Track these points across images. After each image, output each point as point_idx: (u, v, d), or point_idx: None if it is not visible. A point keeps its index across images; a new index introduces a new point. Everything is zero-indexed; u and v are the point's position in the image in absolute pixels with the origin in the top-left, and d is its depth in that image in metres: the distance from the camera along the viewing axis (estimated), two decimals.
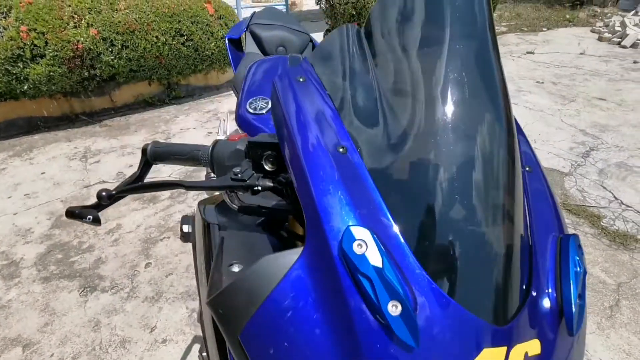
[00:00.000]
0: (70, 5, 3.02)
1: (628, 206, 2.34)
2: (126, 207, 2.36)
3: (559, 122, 3.48)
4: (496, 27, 7.43)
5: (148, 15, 3.27)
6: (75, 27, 3.01)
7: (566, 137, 3.20)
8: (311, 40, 1.67)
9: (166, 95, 3.96)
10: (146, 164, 0.67)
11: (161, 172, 2.70)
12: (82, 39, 3.01)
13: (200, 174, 2.68)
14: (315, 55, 0.58)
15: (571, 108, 3.78)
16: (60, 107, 3.47)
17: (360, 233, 0.36)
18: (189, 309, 1.71)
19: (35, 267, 1.94)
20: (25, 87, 2.96)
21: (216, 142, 0.61)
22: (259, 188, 0.54)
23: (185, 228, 1.14)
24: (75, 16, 3.02)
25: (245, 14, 7.60)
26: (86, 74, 3.18)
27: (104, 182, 2.62)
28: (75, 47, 2.99)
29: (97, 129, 3.40)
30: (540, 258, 0.44)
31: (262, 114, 0.83)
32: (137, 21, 3.21)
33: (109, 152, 3.00)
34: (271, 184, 0.54)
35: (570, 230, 2.16)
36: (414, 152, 0.40)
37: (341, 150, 0.43)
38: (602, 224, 2.21)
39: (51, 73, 2.96)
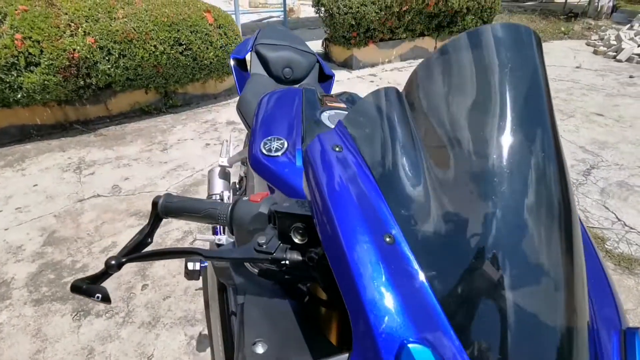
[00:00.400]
0: (67, 13, 2.95)
1: (631, 228, 2.33)
2: (122, 224, 2.29)
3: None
4: None
5: (147, 24, 3.21)
6: (71, 35, 2.94)
7: (567, 154, 3.17)
8: (318, 60, 1.63)
9: (163, 103, 3.90)
10: (157, 218, 0.62)
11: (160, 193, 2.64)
12: (78, 47, 2.94)
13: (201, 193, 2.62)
14: (351, 119, 0.53)
15: (570, 124, 3.78)
16: (54, 115, 3.38)
17: (421, 354, 0.31)
18: (187, 335, 1.65)
19: (27, 288, 1.86)
20: (19, 95, 2.88)
21: (236, 202, 0.56)
22: (287, 262, 0.49)
23: (190, 265, 1.08)
24: (72, 24, 2.95)
25: (243, 19, 7.56)
26: (82, 82, 3.11)
27: (98, 195, 2.54)
28: (71, 55, 2.92)
29: (92, 138, 3.32)
30: (605, 355, 0.39)
31: (278, 156, 0.78)
32: (135, 30, 3.15)
33: (104, 163, 2.93)
34: (300, 258, 0.49)
35: None
36: (476, 247, 0.35)
37: (388, 240, 0.38)
38: (606, 246, 2.19)
39: (45, 82, 2.88)
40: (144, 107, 3.77)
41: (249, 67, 1.58)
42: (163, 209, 0.61)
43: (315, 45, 6.10)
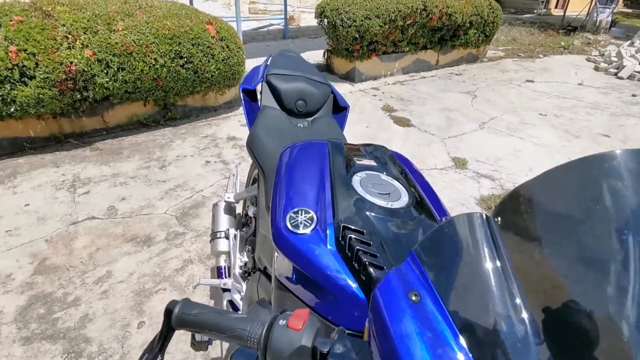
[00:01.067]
0: (64, 25, 2.84)
1: None
2: (117, 250, 2.17)
3: (566, 160, 3.39)
4: (494, 52, 7.43)
5: (147, 36, 3.10)
6: (69, 48, 2.82)
7: None
8: (332, 91, 1.53)
9: (161, 116, 3.78)
10: (169, 329, 0.52)
11: (155, 207, 2.52)
12: (75, 60, 2.82)
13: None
14: (428, 252, 0.43)
15: (577, 145, 3.72)
16: (48, 127, 3.26)
17: None
18: None
19: (16, 324, 1.74)
20: (12, 109, 2.75)
21: (272, 325, 0.46)
22: None
23: (198, 336, 0.97)
24: (70, 36, 2.84)
25: (244, 27, 7.47)
26: (78, 96, 2.99)
27: (93, 217, 2.42)
28: (68, 69, 2.81)
29: (87, 152, 3.19)
30: None
31: (306, 233, 0.68)
32: (135, 43, 3.04)
33: (99, 181, 2.80)
34: None
35: None
36: None
37: None
38: None
39: (40, 96, 2.76)
40: (142, 119, 3.65)
41: (259, 99, 1.48)
42: (178, 321, 0.51)
43: (317, 56, 6.02)
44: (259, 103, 1.46)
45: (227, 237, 1.54)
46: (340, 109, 1.59)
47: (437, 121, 4.15)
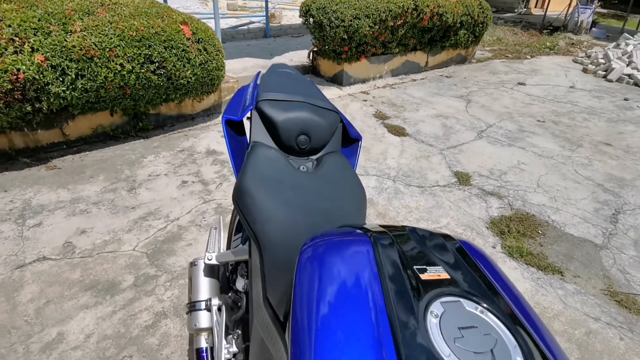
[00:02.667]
0: (10, 25, 2.39)
1: None
2: (73, 303, 1.77)
3: (574, 173, 3.17)
4: (481, 53, 7.23)
5: (111, 39, 2.67)
6: (15, 52, 2.37)
7: (587, 195, 2.88)
8: (342, 120, 1.19)
9: (132, 127, 3.35)
10: None
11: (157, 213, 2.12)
12: (24, 67, 2.38)
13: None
14: None
15: (581, 155, 3.50)
16: None
17: None
18: None
19: None
20: None
21: None
22: None
23: None
24: (17, 39, 2.39)
25: (222, 25, 7.01)
26: (29, 108, 2.54)
27: (44, 258, 2.01)
28: (15, 77, 2.36)
29: (42, 172, 2.75)
30: None
31: None
32: (96, 46, 2.61)
33: (54, 209, 2.38)
34: None
35: (626, 333, 1.79)
36: None
37: None
38: None
39: None
40: (108, 130, 3.22)
41: (247, 132, 1.13)
42: None
43: (300, 57, 5.65)
44: (248, 138, 1.10)
45: (208, 309, 1.18)
46: (350, 141, 1.25)
47: (433, 129, 3.86)
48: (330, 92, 4.67)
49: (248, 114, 1.11)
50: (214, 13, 4.49)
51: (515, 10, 13.32)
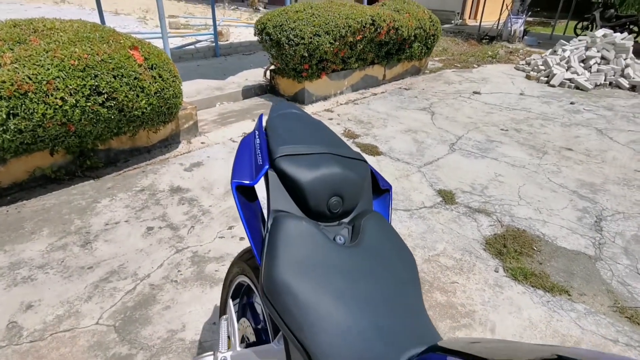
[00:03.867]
0: None
1: None
2: None
3: (548, 182, 3.20)
4: (432, 63, 7.39)
5: (48, 70, 2.28)
6: None
7: (566, 204, 2.89)
8: (371, 169, 0.99)
9: (77, 166, 2.92)
10: None
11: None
12: None
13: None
14: None
15: (548, 162, 3.56)
16: None
17: None
18: None
19: None
20: None
21: None
22: None
23: None
24: None
25: (172, 44, 6.59)
26: None
27: None
28: None
29: None
30: None
31: None
32: (31, 79, 2.21)
33: None
34: None
35: None
36: None
37: None
38: None
39: None
40: (49, 173, 2.77)
41: (265, 199, 0.89)
42: None
43: (255, 75, 5.41)
44: (267, 205, 0.86)
45: None
46: (377, 191, 1.05)
47: (405, 146, 3.77)
48: None
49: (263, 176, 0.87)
50: (161, 33, 4.13)
51: (452, 22, 13.99)
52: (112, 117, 2.66)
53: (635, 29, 10.99)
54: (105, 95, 2.55)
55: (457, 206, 2.81)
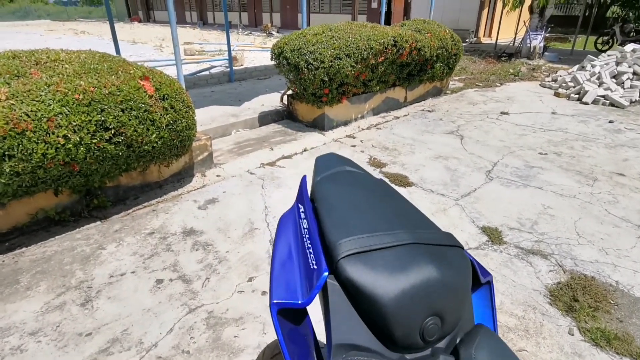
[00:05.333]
0: None
1: None
2: None
3: (607, 214, 2.81)
4: (452, 83, 7.09)
5: (49, 105, 2.05)
6: None
7: (635, 242, 2.49)
8: (470, 258, 0.67)
9: (84, 206, 2.67)
10: None
11: None
12: None
13: None
14: None
15: (602, 190, 3.17)
16: None
17: None
18: None
19: None
20: None
21: None
22: None
23: None
24: None
25: (184, 71, 6.47)
26: None
27: None
28: None
29: None
30: None
31: None
32: (29, 116, 1.98)
33: None
34: None
35: None
36: None
37: None
38: None
39: None
40: (52, 215, 2.52)
41: (324, 320, 0.57)
42: None
43: (272, 100, 5.19)
44: (326, 333, 0.54)
45: None
46: (479, 283, 0.72)
47: (437, 174, 3.43)
48: (314, 139, 4.19)
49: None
50: (175, 60, 3.94)
51: (467, 40, 13.78)
52: (120, 153, 2.41)
53: None
54: (113, 131, 2.31)
55: (507, 246, 2.44)
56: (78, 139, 2.16)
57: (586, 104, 5.85)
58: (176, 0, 23.03)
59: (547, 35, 11.26)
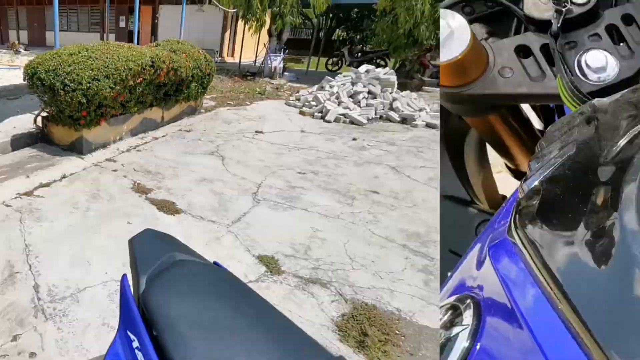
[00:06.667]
0: None
1: None
2: None
3: (372, 235, 3.53)
4: (205, 102, 8.54)
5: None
6: None
7: (404, 264, 3.09)
8: None
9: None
10: None
11: None
12: None
13: None
14: None
15: (362, 209, 4.04)
16: None
17: None
18: None
19: None
20: None
21: None
22: None
23: None
24: None
25: None
26: None
27: None
28: None
29: None
30: None
31: None
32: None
33: None
34: None
35: None
36: None
37: None
38: None
39: None
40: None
41: None
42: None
43: (24, 122, 5.38)
44: None
45: None
46: None
47: (205, 199, 4.10)
48: (73, 164, 4.65)
49: None
50: None
51: (213, 59, 15.96)
52: None
53: (382, 62, 14.57)
54: None
55: (286, 276, 2.87)
56: None
57: (329, 122, 7.94)
58: None
59: (285, 56, 14.41)
